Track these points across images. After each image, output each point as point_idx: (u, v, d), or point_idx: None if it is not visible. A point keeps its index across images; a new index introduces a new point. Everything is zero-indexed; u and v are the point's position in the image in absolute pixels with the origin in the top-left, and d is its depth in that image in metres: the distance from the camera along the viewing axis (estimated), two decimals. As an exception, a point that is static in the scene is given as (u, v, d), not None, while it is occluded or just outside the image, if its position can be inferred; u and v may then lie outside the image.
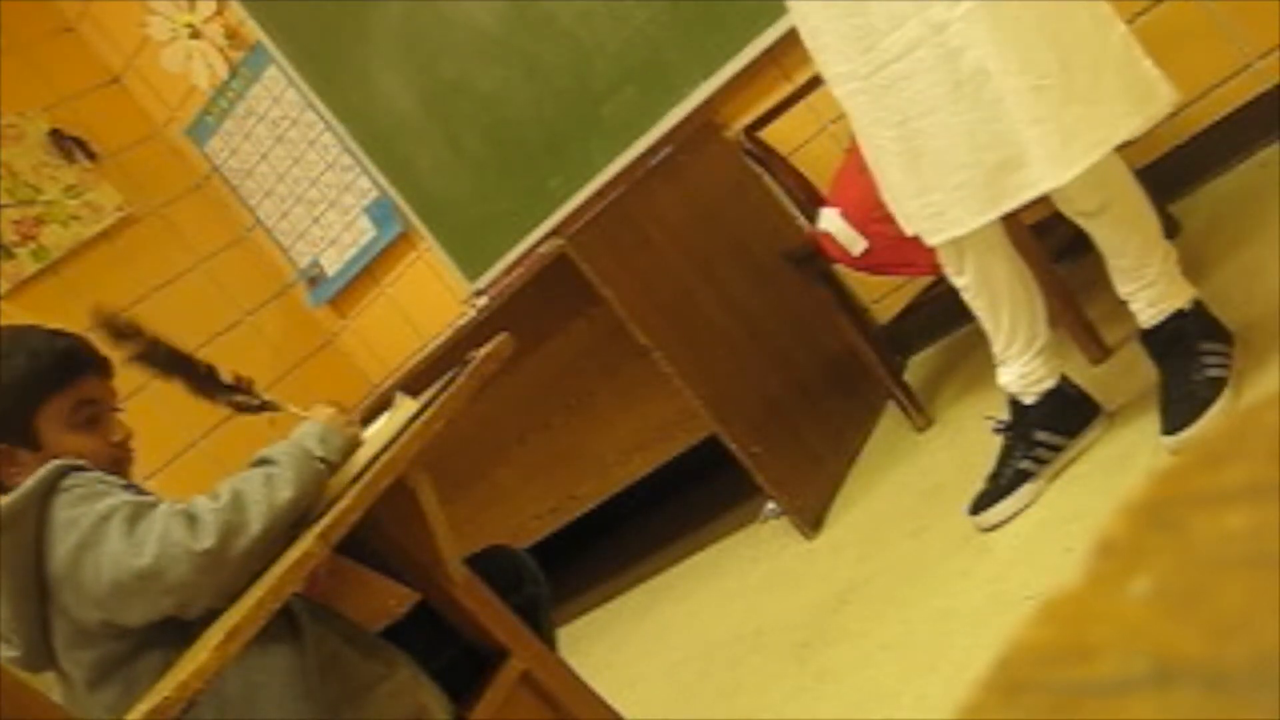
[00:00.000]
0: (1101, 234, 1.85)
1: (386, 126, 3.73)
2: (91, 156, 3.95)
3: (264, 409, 1.82)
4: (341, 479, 1.55)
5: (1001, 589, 1.82)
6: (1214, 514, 0.22)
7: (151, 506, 1.42)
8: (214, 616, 1.41)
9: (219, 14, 3.89)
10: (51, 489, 1.44)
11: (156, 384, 1.78)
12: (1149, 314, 1.86)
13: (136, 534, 1.38)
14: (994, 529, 1.98)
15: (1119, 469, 1.88)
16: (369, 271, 4.10)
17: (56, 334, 1.65)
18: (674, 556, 3.17)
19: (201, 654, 1.24)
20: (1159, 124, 1.76)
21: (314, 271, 4.21)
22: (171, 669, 1.37)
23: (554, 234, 3.18)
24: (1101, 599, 0.22)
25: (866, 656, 1.96)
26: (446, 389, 1.65)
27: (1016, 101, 1.65)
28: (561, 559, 3.07)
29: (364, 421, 1.73)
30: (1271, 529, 0.21)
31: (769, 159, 2.76)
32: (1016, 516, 1.97)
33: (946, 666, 1.74)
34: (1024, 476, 1.97)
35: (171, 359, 1.75)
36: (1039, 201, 1.80)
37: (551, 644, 1.84)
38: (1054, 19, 1.65)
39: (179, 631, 1.43)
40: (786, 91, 2.83)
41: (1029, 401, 1.98)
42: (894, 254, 2.28)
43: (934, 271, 2.14)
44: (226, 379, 1.79)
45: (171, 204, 4.15)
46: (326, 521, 1.39)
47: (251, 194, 4.21)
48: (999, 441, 2.02)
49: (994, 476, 2.01)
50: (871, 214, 2.19)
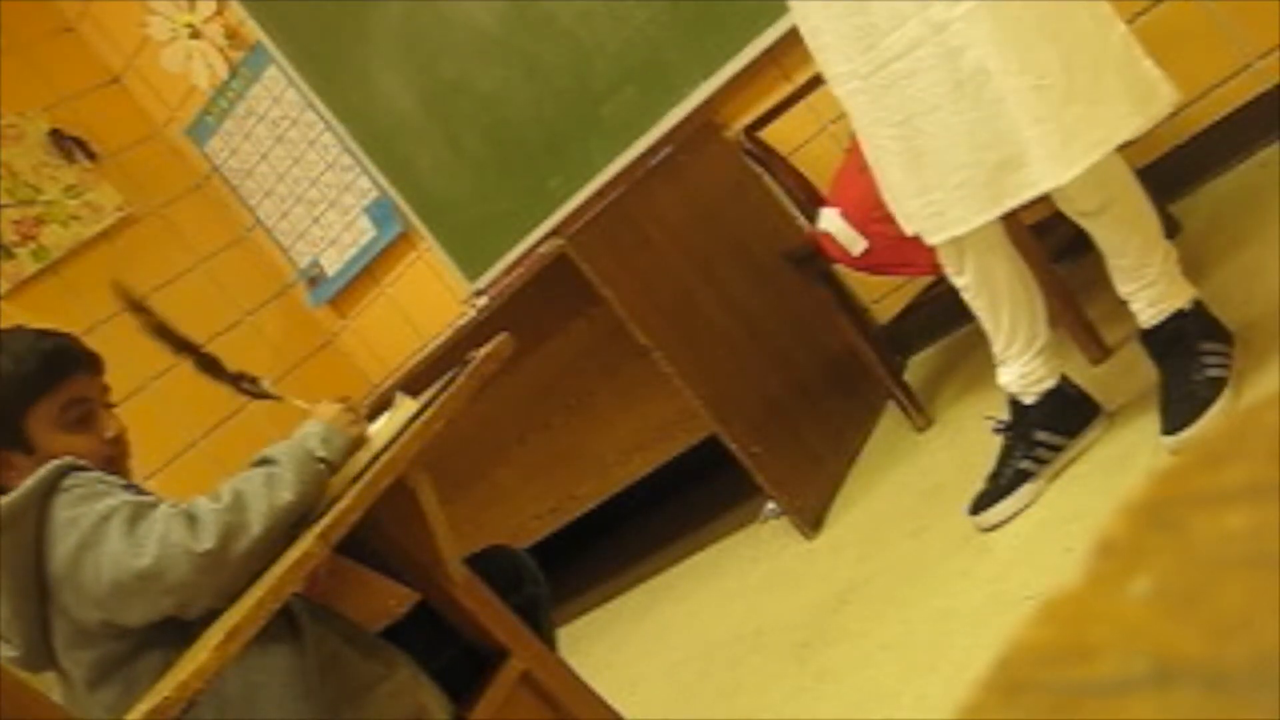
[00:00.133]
0: (1102, 234, 1.85)
1: (386, 126, 3.73)
2: (91, 156, 3.95)
3: (267, 397, 1.83)
4: (342, 479, 1.55)
5: (1001, 589, 1.82)
6: (1214, 514, 0.22)
7: (152, 507, 1.42)
8: (214, 616, 1.41)
9: (219, 14, 3.89)
10: (52, 489, 1.43)
11: (157, 384, 1.78)
12: (1149, 314, 1.86)
13: (137, 534, 1.38)
14: (994, 529, 1.98)
15: (1119, 469, 1.88)
16: (369, 271, 4.10)
17: (43, 334, 1.64)
18: (674, 556, 3.17)
19: (201, 654, 1.24)
20: (1159, 124, 1.76)
21: (314, 271, 4.21)
22: (171, 669, 1.37)
23: (554, 234, 3.18)
24: (1101, 599, 0.22)
25: (866, 656, 1.96)
26: (446, 389, 1.65)
27: (1017, 101, 1.65)
28: (561, 559, 3.07)
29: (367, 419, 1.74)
30: (1271, 529, 0.21)
31: (769, 159, 2.76)
32: (1016, 516, 1.97)
33: (946, 666, 1.74)
34: (1024, 476, 1.97)
35: (179, 341, 1.76)
36: (1039, 201, 1.80)
37: (551, 644, 1.84)
38: (1055, 19, 1.65)
39: (179, 631, 1.43)
40: (786, 91, 2.83)
41: (1029, 401, 1.98)
42: (894, 254, 2.28)
43: (934, 271, 2.14)
44: (231, 370, 1.79)
45: (171, 204, 4.15)
46: (326, 521, 1.39)
47: (251, 194, 4.21)
48: (999, 441, 2.02)
49: (994, 476, 2.01)
50: (871, 214, 2.19)
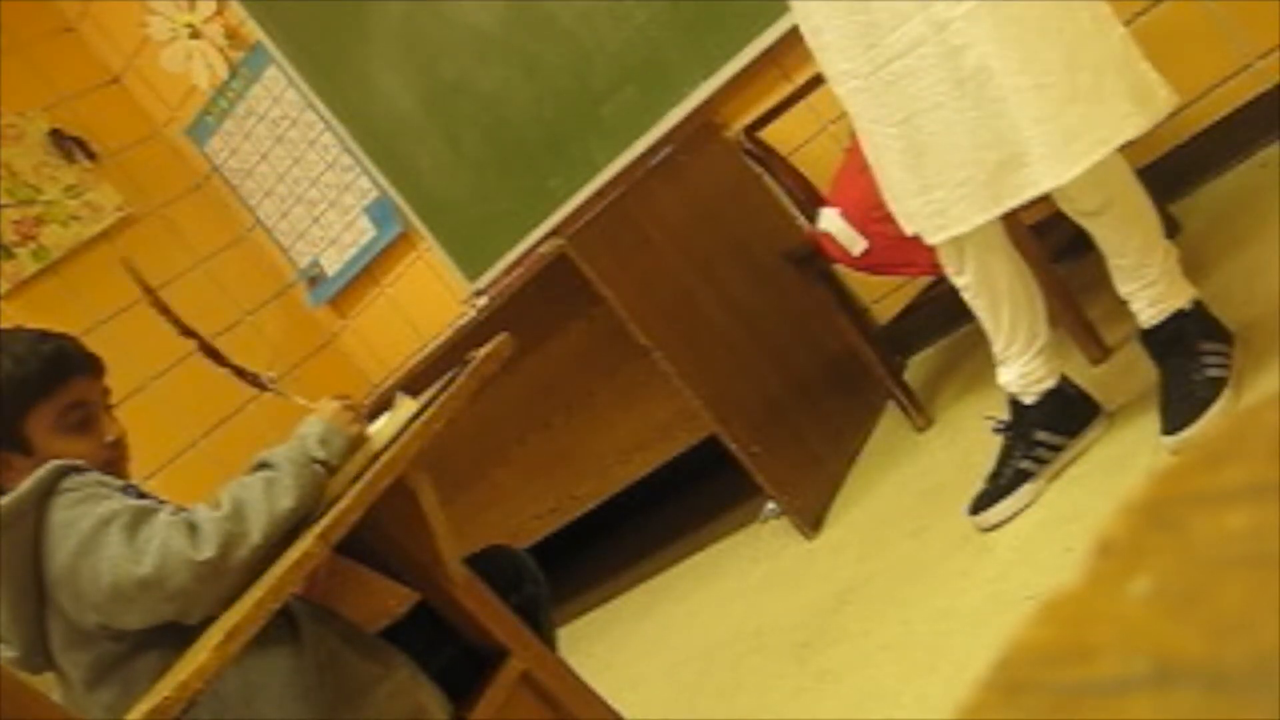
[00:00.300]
0: (1102, 233, 1.85)
1: (386, 126, 3.73)
2: (91, 156, 3.95)
3: (268, 389, 1.83)
4: (342, 479, 1.55)
5: (1001, 589, 1.82)
6: (1214, 514, 0.22)
7: (152, 513, 1.42)
8: (212, 618, 1.40)
9: (219, 14, 3.89)
10: (50, 490, 1.43)
11: (157, 384, 1.79)
12: (1149, 314, 1.86)
13: (137, 541, 1.38)
14: (994, 529, 1.98)
15: (1119, 469, 1.88)
16: (369, 271, 4.10)
17: (43, 336, 1.63)
18: (674, 556, 3.17)
19: (201, 654, 1.24)
20: (1159, 124, 1.76)
21: (314, 271, 4.21)
22: (170, 669, 1.37)
23: (554, 234, 3.18)
24: (1101, 599, 0.22)
25: (866, 656, 1.96)
26: (446, 389, 1.65)
27: (1019, 100, 1.65)
28: (561, 559, 3.07)
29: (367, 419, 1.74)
30: (1271, 529, 0.21)
31: (769, 159, 2.76)
32: (1016, 516, 1.96)
33: (946, 666, 1.74)
34: (1024, 476, 1.97)
35: (183, 326, 1.76)
36: (1039, 201, 1.80)
37: (551, 644, 1.84)
38: (1056, 18, 1.65)
39: (177, 632, 1.42)
40: (786, 91, 2.83)
41: (1029, 401, 1.98)
42: (894, 254, 2.28)
43: (934, 271, 2.14)
44: (233, 362, 1.80)
45: (171, 204, 4.15)
46: (326, 521, 1.39)
47: (251, 194, 4.21)
48: (999, 441, 2.02)
49: (994, 476, 2.01)
50: (871, 214, 2.19)
